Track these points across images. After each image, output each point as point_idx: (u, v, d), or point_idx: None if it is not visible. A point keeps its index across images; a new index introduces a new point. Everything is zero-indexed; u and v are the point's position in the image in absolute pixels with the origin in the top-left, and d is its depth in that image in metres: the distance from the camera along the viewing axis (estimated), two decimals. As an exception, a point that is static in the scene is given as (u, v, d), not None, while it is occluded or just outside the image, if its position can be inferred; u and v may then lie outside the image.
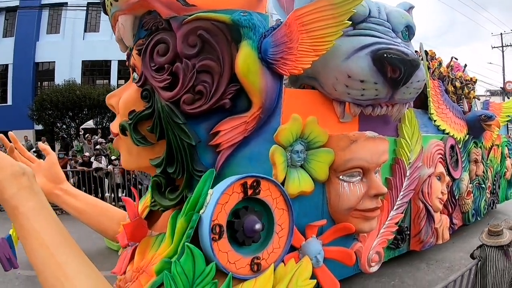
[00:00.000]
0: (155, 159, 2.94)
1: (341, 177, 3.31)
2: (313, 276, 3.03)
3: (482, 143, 7.12)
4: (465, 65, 8.32)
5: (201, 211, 2.50)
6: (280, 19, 3.08)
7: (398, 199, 4.32)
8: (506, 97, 26.70)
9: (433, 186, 5.01)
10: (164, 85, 2.73)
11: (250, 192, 2.62)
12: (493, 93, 34.39)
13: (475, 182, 6.84)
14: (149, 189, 3.10)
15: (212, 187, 2.60)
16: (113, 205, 3.35)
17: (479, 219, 7.10)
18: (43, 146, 3.15)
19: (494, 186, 8.04)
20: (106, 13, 3.11)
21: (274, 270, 2.71)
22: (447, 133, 5.80)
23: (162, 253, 2.55)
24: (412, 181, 4.47)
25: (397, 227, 4.44)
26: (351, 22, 2.78)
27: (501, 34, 28.68)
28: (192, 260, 2.38)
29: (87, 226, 3.28)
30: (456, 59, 7.50)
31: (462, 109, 7.30)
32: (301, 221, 3.22)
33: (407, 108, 4.28)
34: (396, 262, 5.41)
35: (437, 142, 5.33)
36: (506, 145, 8.72)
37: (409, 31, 3.77)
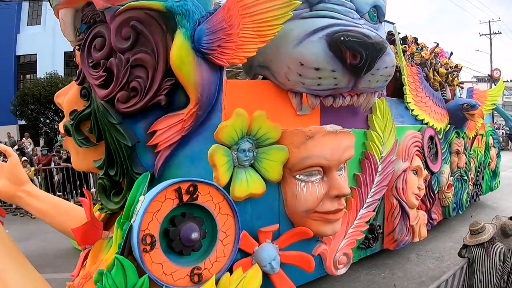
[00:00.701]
0: (98, 160, 2.86)
1: (297, 176, 3.13)
2: (269, 283, 2.93)
3: (465, 133, 7.01)
4: (451, 53, 8.19)
5: (132, 220, 2.33)
6: (219, 3, 2.81)
7: (369, 196, 4.18)
8: (493, 84, 27.45)
9: (408, 181, 4.86)
10: (100, 83, 2.62)
11: (186, 198, 2.44)
12: (479, 80, 34.69)
13: (456, 175, 6.75)
14: None
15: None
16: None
17: (460, 212, 7.06)
18: (4, 147, 3.03)
19: (478, 178, 8.00)
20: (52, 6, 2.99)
21: (219, 280, 2.57)
22: (426, 123, 5.64)
23: (108, 259, 2.41)
24: (385, 176, 4.33)
25: (368, 226, 4.31)
26: (300, 2, 2.56)
27: (489, 21, 29.13)
28: (123, 272, 2.24)
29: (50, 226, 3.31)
30: (437, 44, 7.34)
31: (445, 97, 7.18)
32: (255, 224, 3.09)
33: (379, 98, 4.10)
34: (387, 253, 5.50)
35: (414, 133, 5.16)
36: (491, 135, 8.67)
37: (377, 12, 3.53)
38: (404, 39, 6.62)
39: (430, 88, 6.12)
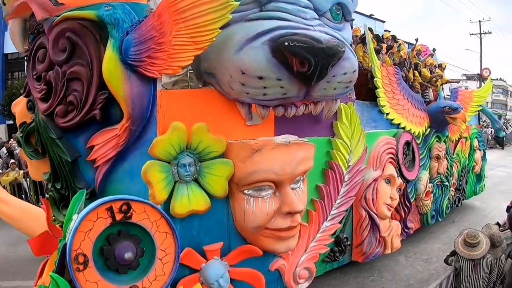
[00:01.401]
0: (46, 173, 2.98)
1: (246, 191, 3.03)
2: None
3: (446, 136, 6.96)
4: (434, 49, 8.11)
5: (66, 239, 2.37)
6: (152, 8, 2.72)
7: (334, 208, 4.09)
8: (482, 83, 27.72)
9: (380, 191, 4.78)
10: (41, 96, 2.72)
11: (119, 216, 2.42)
12: (469, 78, 35.31)
13: (436, 181, 6.70)
14: None
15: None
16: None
17: (440, 220, 7.05)
18: None
19: (460, 182, 7.98)
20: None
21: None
22: (403, 128, 5.54)
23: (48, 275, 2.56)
24: (353, 186, 4.24)
25: (333, 239, 4.25)
26: (238, 3, 2.44)
27: (479, 21, 29.72)
28: (58, 291, 2.23)
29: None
30: (417, 39, 7.27)
31: (427, 98, 7.13)
32: (203, 240, 3.06)
33: (346, 102, 4.00)
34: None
35: (388, 139, 5.07)
36: (476, 137, 8.65)
37: (342, 10, 3.35)
38: (379, 38, 6.51)
39: (409, 89, 6.02)
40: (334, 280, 5.14)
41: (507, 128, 30.91)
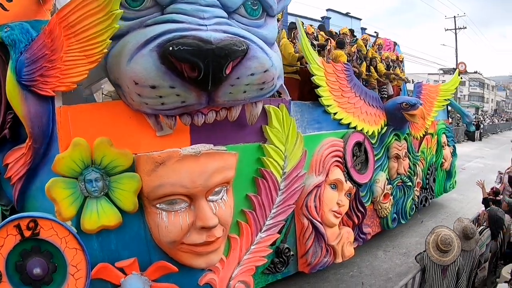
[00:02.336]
0: None
1: (158, 205, 3.12)
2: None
3: (408, 134, 7.11)
4: (395, 43, 8.27)
5: None
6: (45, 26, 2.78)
7: (269, 218, 4.15)
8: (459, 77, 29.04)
9: (325, 198, 4.87)
10: None
11: (27, 233, 2.65)
12: (446, 72, 36.81)
13: (396, 182, 6.86)
14: None
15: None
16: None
17: (403, 222, 7.23)
18: None
19: (427, 181, 8.18)
20: None
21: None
22: (354, 128, 5.63)
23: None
24: (290, 194, 4.30)
25: (271, 250, 4.28)
26: (121, 11, 2.52)
27: (454, 17, 31.90)
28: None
29: None
30: (377, 34, 7.40)
31: (385, 94, 7.24)
32: (122, 255, 3.19)
33: (278, 104, 3.99)
34: (355, 251, 5.83)
35: (334, 141, 5.17)
36: (444, 132, 8.83)
37: (262, 4, 3.35)
38: (332, 34, 6.57)
39: (362, 86, 6.10)
40: (314, 277, 5.42)
41: (484, 120, 33.56)
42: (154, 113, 2.96)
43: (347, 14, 25.24)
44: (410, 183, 7.22)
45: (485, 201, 6.05)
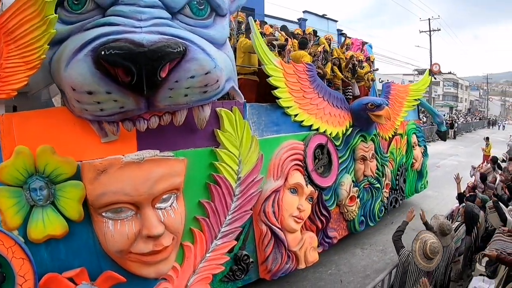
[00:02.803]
0: None
1: (104, 214, 3.19)
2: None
3: (375, 135, 7.30)
4: (364, 43, 8.47)
5: None
6: None
7: (224, 225, 4.23)
8: (432, 78, 31.49)
9: (284, 203, 5.00)
10: None
11: None
12: (420, 72, 38.86)
13: (363, 184, 7.06)
14: None
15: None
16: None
17: (372, 224, 7.43)
18: None
19: (397, 182, 8.42)
20: None
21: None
22: (316, 129, 5.75)
23: None
24: (247, 200, 4.39)
25: (229, 258, 4.35)
26: (55, 16, 2.62)
27: (428, 19, 33.60)
28: None
29: None
30: (345, 35, 7.59)
31: (350, 95, 7.39)
32: (73, 264, 3.24)
33: (231, 107, 4.05)
34: (333, 250, 6.55)
35: (293, 144, 5.30)
36: (414, 132, 9.09)
37: (210, 4, 3.40)
38: (294, 35, 6.70)
39: (326, 87, 6.24)
40: (293, 276, 5.67)
41: (458, 119, 36.16)
42: (94, 119, 3.02)
43: (323, 16, 26.24)
44: (378, 185, 7.45)
45: (460, 197, 6.53)
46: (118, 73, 2.67)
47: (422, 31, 33.43)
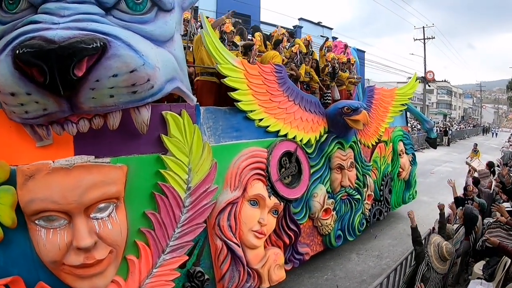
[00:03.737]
0: None
1: (36, 221, 3.33)
2: None
3: (355, 141, 7.40)
4: (346, 45, 8.62)
5: None
6: None
7: (173, 238, 4.29)
8: (426, 85, 36.44)
9: (243, 216, 5.06)
10: None
11: None
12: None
13: (340, 195, 7.16)
14: None
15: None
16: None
17: (351, 239, 7.56)
18: None
19: (381, 192, 8.55)
20: None
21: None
22: (284, 135, 5.87)
23: None
24: (199, 212, 4.48)
25: (180, 274, 4.40)
26: None
27: (423, 27, 36.68)
28: None
29: None
30: (327, 38, 7.76)
31: (328, 99, 7.48)
32: (12, 272, 3.36)
33: (179, 110, 4.10)
34: (328, 255, 7.18)
35: (254, 151, 5.37)
36: (401, 139, 9.22)
37: None
38: (268, 36, 6.84)
39: (298, 90, 6.34)
40: (289, 282, 6.08)
41: (452, 126, 39.73)
42: (22, 122, 3.16)
43: (319, 24, 28.22)
44: (358, 196, 7.59)
45: (456, 200, 7.26)
46: (34, 72, 2.77)
47: (416, 39, 36.13)
